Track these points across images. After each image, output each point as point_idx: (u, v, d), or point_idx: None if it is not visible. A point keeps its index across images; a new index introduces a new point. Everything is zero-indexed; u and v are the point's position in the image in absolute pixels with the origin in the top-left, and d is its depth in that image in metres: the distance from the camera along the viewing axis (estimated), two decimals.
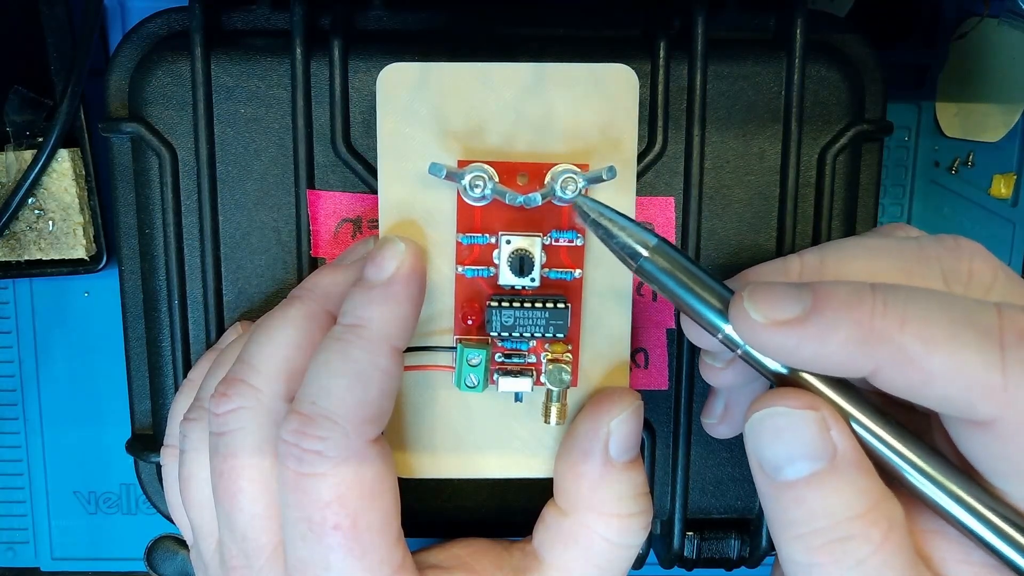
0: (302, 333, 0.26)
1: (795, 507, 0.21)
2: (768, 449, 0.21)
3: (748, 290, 0.22)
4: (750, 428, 0.22)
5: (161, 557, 0.38)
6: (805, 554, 0.21)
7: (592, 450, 0.27)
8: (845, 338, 0.20)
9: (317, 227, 0.30)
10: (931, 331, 0.20)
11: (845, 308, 0.21)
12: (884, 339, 0.20)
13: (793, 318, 0.21)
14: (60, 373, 0.38)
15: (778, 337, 0.21)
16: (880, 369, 0.20)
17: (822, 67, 0.29)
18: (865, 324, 0.20)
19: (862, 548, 0.20)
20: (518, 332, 0.27)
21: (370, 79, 0.29)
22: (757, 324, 0.21)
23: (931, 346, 0.20)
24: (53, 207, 0.34)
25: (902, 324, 0.20)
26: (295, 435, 0.24)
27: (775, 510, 0.21)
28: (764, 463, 0.21)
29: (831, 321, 0.20)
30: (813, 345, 0.21)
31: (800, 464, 0.21)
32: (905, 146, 0.38)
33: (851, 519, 0.20)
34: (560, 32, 0.30)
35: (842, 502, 0.20)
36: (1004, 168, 0.35)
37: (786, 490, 0.21)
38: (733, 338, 0.23)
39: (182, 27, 0.30)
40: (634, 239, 0.23)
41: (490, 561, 0.28)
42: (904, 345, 0.20)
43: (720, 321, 0.23)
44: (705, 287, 0.23)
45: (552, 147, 0.27)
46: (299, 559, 0.25)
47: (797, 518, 0.21)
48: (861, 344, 0.20)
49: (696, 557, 0.32)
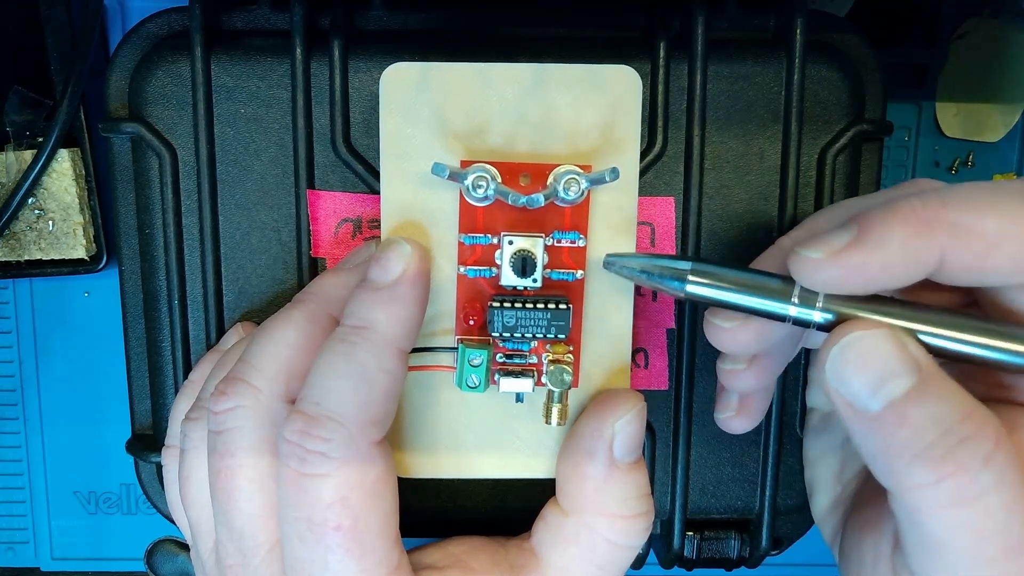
0: (304, 335, 0.26)
1: (902, 428, 0.20)
2: (856, 380, 0.21)
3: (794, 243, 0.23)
4: (832, 367, 0.22)
5: (161, 559, 0.38)
6: (930, 469, 0.20)
7: (596, 451, 0.27)
8: (903, 237, 0.21)
9: (317, 227, 0.30)
10: (974, 202, 0.21)
11: (890, 215, 0.21)
12: (936, 223, 0.21)
13: (850, 242, 0.22)
14: (60, 373, 0.38)
15: (845, 264, 0.22)
16: (944, 254, 0.21)
17: (822, 67, 0.29)
18: (914, 217, 0.21)
19: (984, 445, 0.20)
20: (519, 333, 0.27)
21: (370, 79, 0.29)
22: (821, 262, 0.22)
23: (979, 213, 0.21)
24: (53, 207, 0.34)
25: (944, 205, 0.21)
26: (298, 435, 0.24)
27: (880, 441, 0.21)
28: (856, 398, 0.21)
29: (884, 229, 0.21)
30: (878, 257, 0.21)
31: (892, 384, 0.21)
32: (905, 146, 0.38)
33: (961, 421, 0.20)
34: (560, 32, 0.30)
35: (946, 408, 0.20)
36: (1004, 168, 0.35)
37: (887, 415, 0.21)
38: (803, 317, 0.23)
39: (182, 27, 0.30)
40: (671, 272, 0.24)
41: (486, 558, 0.28)
42: (956, 220, 0.21)
43: (783, 304, 0.23)
44: (759, 284, 0.24)
45: (554, 148, 0.27)
46: (297, 559, 0.25)
47: (907, 438, 0.20)
48: (918, 236, 0.21)
49: (696, 557, 0.32)
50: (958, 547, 0.20)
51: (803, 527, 0.33)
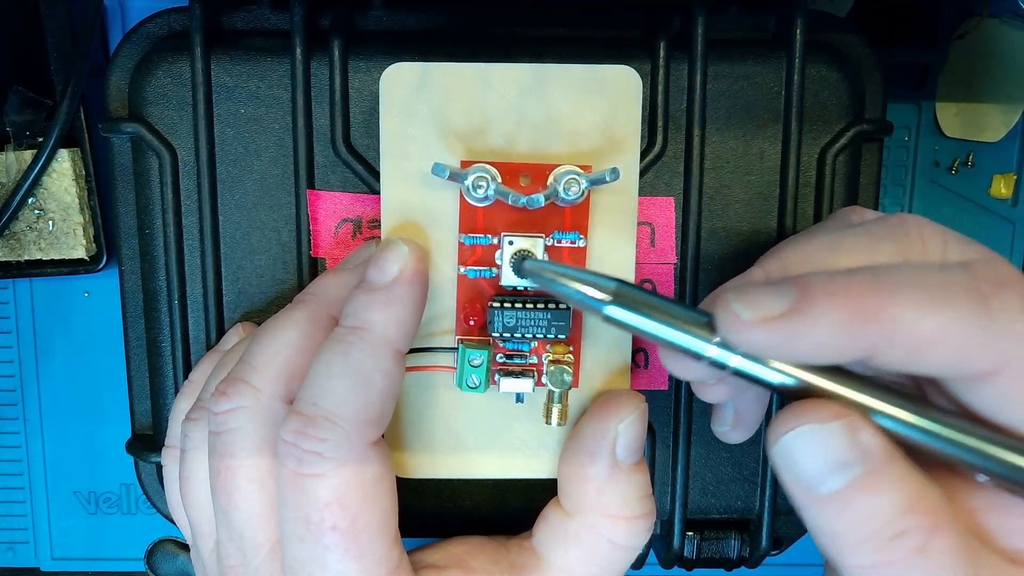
0: (304, 336, 0.26)
1: (843, 516, 0.20)
2: (803, 467, 0.21)
3: (731, 293, 0.21)
4: (780, 451, 0.21)
5: (161, 559, 0.38)
6: (867, 558, 0.20)
7: (599, 453, 0.27)
8: (837, 321, 0.20)
9: (317, 227, 0.30)
10: (916, 298, 0.20)
11: (831, 293, 0.20)
12: (875, 314, 0.20)
13: (783, 311, 0.21)
14: (60, 373, 0.38)
15: (772, 333, 0.21)
16: (876, 346, 0.20)
17: (822, 67, 0.29)
18: (854, 304, 0.20)
19: (919, 537, 0.20)
20: (520, 333, 0.27)
21: (370, 79, 0.29)
22: (749, 324, 0.21)
23: (919, 312, 0.20)
24: (53, 207, 0.34)
25: (889, 296, 0.20)
26: (295, 435, 0.24)
27: (823, 523, 0.21)
28: (801, 481, 0.21)
29: (821, 307, 0.20)
30: (809, 335, 0.20)
31: (839, 475, 0.20)
32: (905, 146, 0.38)
33: (902, 513, 0.20)
34: (560, 32, 0.30)
35: (889, 500, 0.20)
36: (1004, 168, 0.35)
37: (830, 502, 0.21)
38: (719, 359, 0.22)
39: (182, 27, 0.30)
40: (594, 287, 0.23)
41: (487, 558, 0.28)
42: (894, 316, 0.20)
43: (703, 343, 0.22)
44: (678, 315, 0.22)
45: (554, 148, 0.27)
46: (296, 559, 0.25)
47: (848, 526, 0.20)
48: (854, 324, 0.20)
49: (696, 557, 0.32)
50: None
51: (803, 527, 0.33)
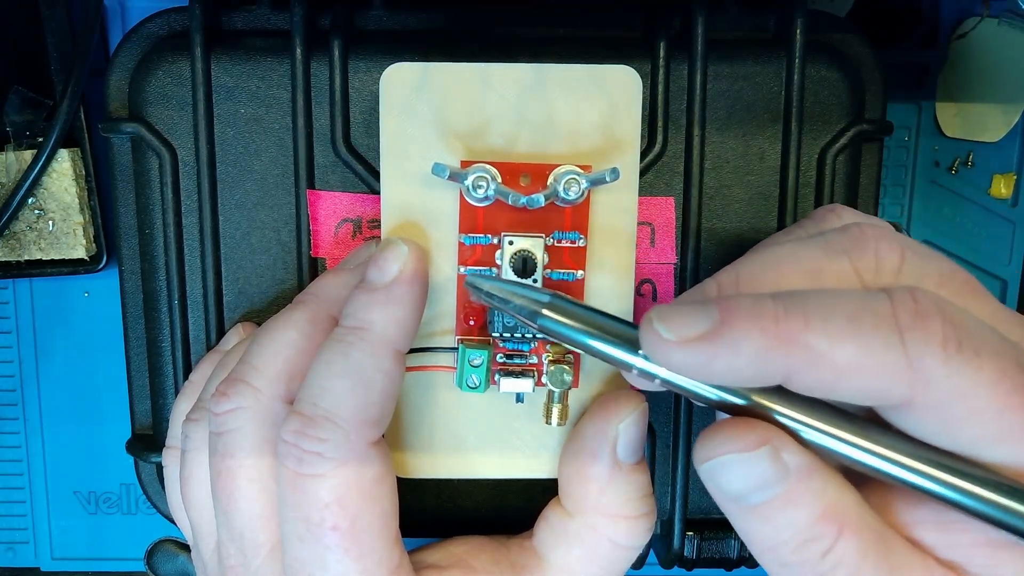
0: (304, 336, 0.26)
1: (761, 526, 0.22)
2: (727, 487, 0.22)
3: (656, 311, 0.22)
4: (705, 472, 0.22)
5: (162, 559, 0.38)
6: (779, 562, 0.22)
7: (600, 453, 0.27)
8: (754, 347, 0.20)
9: (317, 227, 0.30)
10: (832, 327, 0.20)
11: (750, 318, 0.21)
12: (790, 342, 0.20)
13: (702, 333, 0.21)
14: (60, 373, 0.38)
15: (691, 354, 0.21)
16: (792, 373, 0.21)
17: (822, 67, 0.29)
18: (770, 331, 0.20)
19: (825, 542, 0.21)
20: (520, 333, 0.27)
21: (370, 79, 0.29)
22: (669, 343, 0.21)
23: (834, 341, 0.20)
24: (53, 207, 0.34)
25: (804, 325, 0.20)
26: (295, 435, 0.24)
27: (744, 530, 0.22)
28: (727, 497, 0.22)
29: (738, 332, 0.21)
30: (725, 358, 0.21)
31: (760, 493, 0.21)
32: (905, 146, 0.38)
33: (813, 523, 0.21)
34: (560, 32, 0.30)
35: (803, 512, 0.21)
36: (1004, 168, 0.35)
37: (753, 513, 0.22)
38: (648, 370, 0.23)
39: (182, 27, 0.30)
40: (528, 301, 0.24)
41: (488, 558, 0.28)
42: (809, 345, 0.20)
43: (630, 355, 0.23)
44: (609, 329, 0.23)
45: (554, 148, 0.27)
46: (296, 559, 0.25)
47: (765, 535, 0.22)
48: (770, 351, 0.20)
49: (696, 557, 0.32)
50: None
51: None
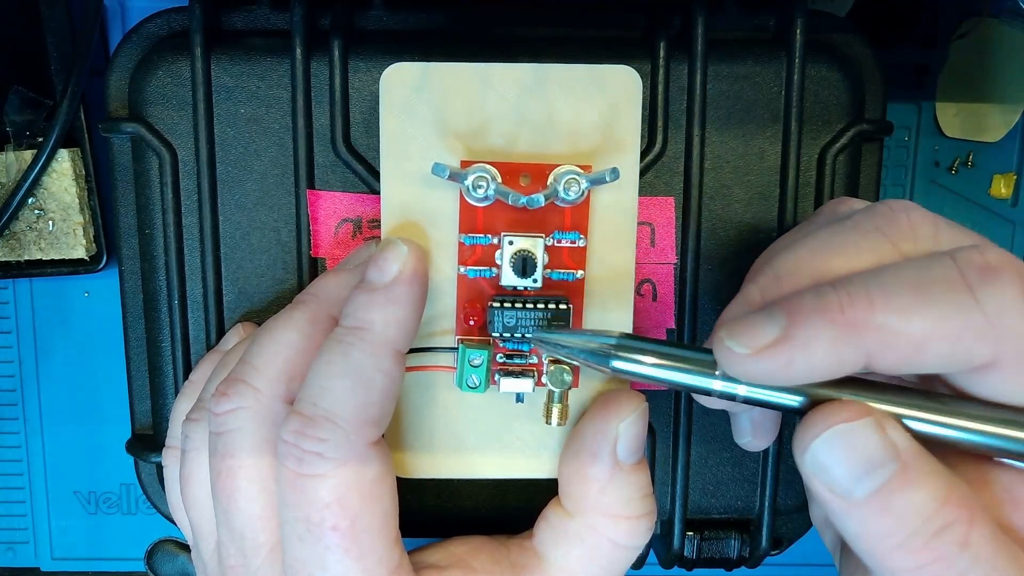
0: (304, 336, 0.26)
1: (883, 517, 0.20)
2: (835, 473, 0.21)
3: (724, 329, 0.22)
4: (810, 459, 0.21)
5: (162, 560, 0.38)
6: (911, 559, 0.20)
7: (600, 453, 0.27)
8: (827, 340, 0.20)
9: (317, 227, 0.30)
10: (899, 301, 0.20)
11: (816, 313, 0.21)
12: (862, 327, 0.20)
13: (774, 339, 0.21)
14: (60, 373, 0.38)
15: (767, 362, 0.21)
16: (871, 356, 0.21)
17: (822, 67, 0.29)
18: (839, 320, 0.20)
19: (960, 529, 0.20)
20: (520, 333, 0.27)
21: (370, 79, 0.29)
22: (744, 356, 0.21)
23: (906, 314, 0.20)
24: (53, 207, 0.34)
25: (871, 306, 0.20)
26: (295, 436, 0.24)
27: (861, 527, 0.21)
28: (836, 486, 0.21)
29: (810, 328, 0.21)
30: (801, 358, 0.21)
31: (875, 475, 0.20)
32: (905, 146, 0.38)
33: (940, 508, 0.20)
34: (560, 32, 0.30)
35: (926, 495, 0.20)
36: (1004, 168, 0.35)
37: (868, 506, 0.21)
38: (727, 391, 0.23)
39: (182, 27, 0.30)
40: (596, 347, 0.24)
41: (488, 558, 0.28)
42: (882, 324, 0.20)
43: (707, 380, 0.23)
44: (682, 358, 0.23)
45: (554, 148, 0.27)
46: (296, 559, 0.25)
47: (888, 527, 0.20)
48: (845, 339, 0.20)
49: (696, 557, 0.32)
50: None
51: (803, 527, 0.33)
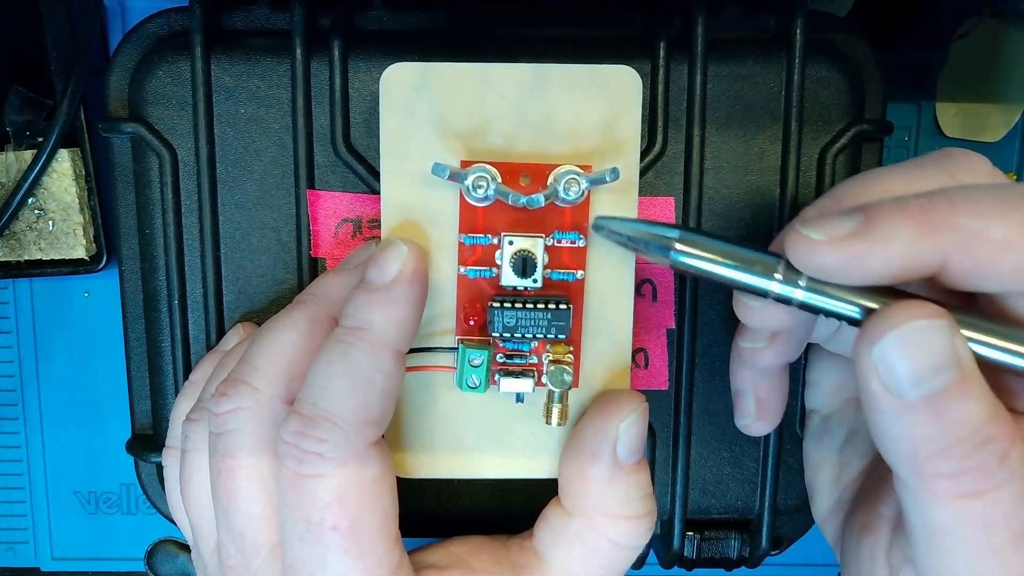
0: (305, 336, 0.26)
1: (935, 421, 0.20)
2: (902, 368, 0.21)
3: (798, 221, 0.22)
4: (879, 353, 0.21)
5: (162, 560, 0.38)
6: (953, 462, 0.20)
7: (600, 453, 0.27)
8: (907, 235, 0.21)
9: (317, 227, 0.30)
10: (981, 207, 0.21)
11: (898, 212, 0.21)
12: (943, 225, 0.21)
13: (852, 230, 0.21)
14: (60, 373, 0.38)
15: (843, 252, 0.21)
16: (948, 257, 0.21)
17: (822, 67, 0.29)
18: (920, 218, 0.21)
19: (1003, 445, 0.20)
20: (520, 333, 0.27)
21: (370, 79, 0.29)
22: (820, 244, 0.21)
23: (987, 219, 0.21)
24: (53, 207, 0.34)
25: (953, 208, 0.21)
26: (295, 436, 0.24)
27: (908, 429, 0.21)
28: (895, 384, 0.21)
29: (889, 225, 0.21)
30: (880, 251, 0.21)
31: (937, 379, 0.20)
32: (905, 146, 0.38)
33: (988, 421, 0.20)
34: (560, 32, 0.30)
35: (978, 407, 0.20)
36: (1004, 168, 0.35)
37: (924, 406, 0.21)
38: (784, 294, 0.23)
39: (182, 27, 0.30)
40: (658, 237, 0.24)
41: (488, 558, 0.28)
42: (963, 225, 0.21)
43: (766, 280, 0.23)
44: (743, 256, 0.23)
45: (554, 148, 0.27)
46: (296, 559, 0.25)
47: (937, 431, 0.20)
48: (924, 237, 0.21)
49: (696, 557, 0.32)
50: (966, 536, 0.21)
51: (803, 527, 0.33)
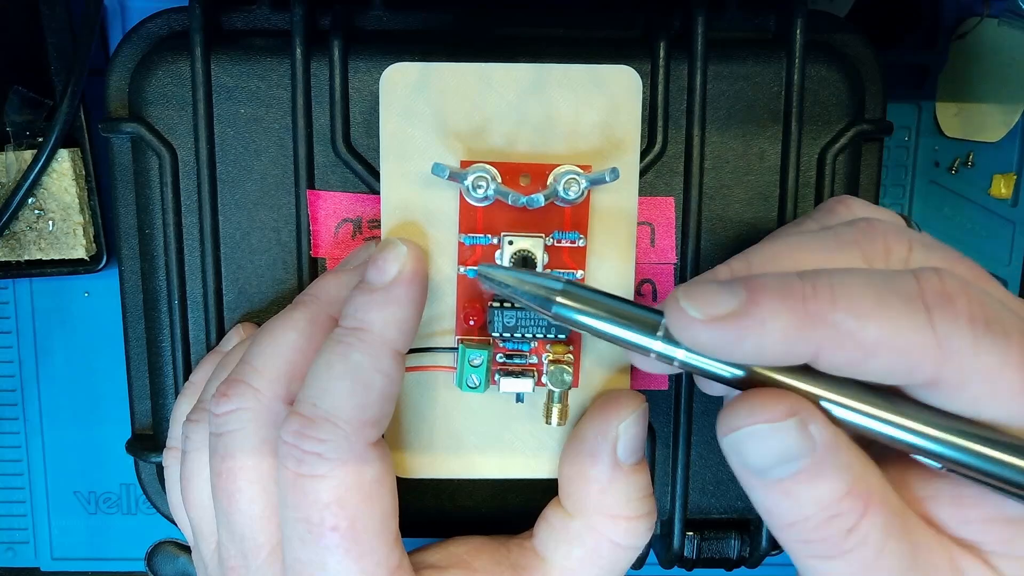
0: (305, 337, 0.26)
1: (784, 501, 0.21)
2: (752, 459, 0.21)
3: (681, 290, 0.22)
4: (730, 443, 0.22)
5: (162, 561, 0.38)
6: (801, 539, 0.22)
7: (600, 453, 0.27)
8: (783, 325, 0.20)
9: (317, 227, 0.30)
10: (861, 305, 0.20)
11: (779, 296, 0.21)
12: (819, 320, 0.20)
13: (730, 312, 0.21)
14: (60, 373, 0.38)
15: (718, 333, 0.21)
16: (820, 350, 0.21)
17: (822, 67, 0.29)
18: (799, 309, 0.20)
19: (850, 519, 0.21)
20: (520, 333, 0.27)
21: (370, 79, 0.29)
22: (696, 322, 0.21)
23: (863, 319, 0.20)
24: (53, 207, 0.34)
25: (833, 303, 0.20)
26: (295, 436, 0.24)
27: (765, 505, 0.22)
28: (750, 467, 0.22)
29: (767, 310, 0.21)
30: (754, 337, 0.21)
31: (785, 467, 0.21)
32: (905, 146, 0.38)
33: (838, 499, 0.21)
34: (560, 32, 0.30)
35: (827, 488, 0.21)
36: (1004, 168, 0.35)
37: (775, 488, 0.21)
38: (666, 353, 0.23)
39: (182, 27, 0.30)
40: (541, 289, 0.24)
41: (488, 558, 0.28)
42: (838, 322, 0.20)
43: (648, 339, 0.23)
44: (626, 314, 0.23)
45: (554, 148, 0.27)
46: (297, 559, 0.25)
47: (787, 510, 0.21)
48: (799, 329, 0.20)
49: (696, 557, 0.32)
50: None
51: None
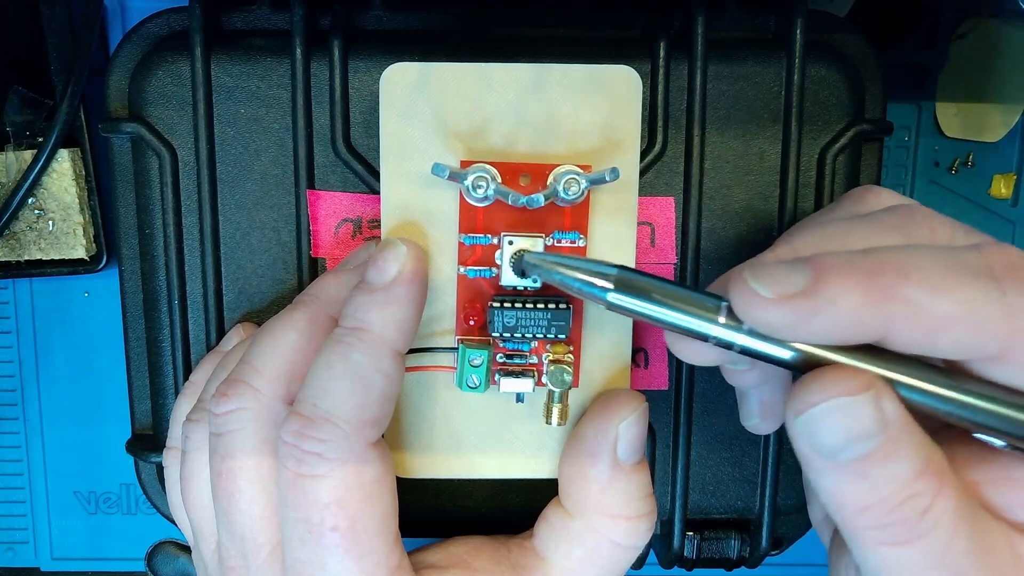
0: (305, 337, 0.26)
1: (859, 482, 0.21)
2: (824, 439, 0.21)
3: (747, 270, 0.21)
4: (803, 423, 0.21)
5: (162, 561, 0.38)
6: (874, 524, 0.21)
7: (600, 453, 0.27)
8: (854, 302, 0.20)
9: (317, 227, 0.30)
10: (932, 279, 0.20)
11: (848, 272, 0.21)
12: (891, 295, 0.20)
13: (800, 290, 0.21)
14: (60, 373, 0.38)
15: (789, 312, 0.21)
16: (892, 326, 0.20)
17: (822, 67, 0.29)
18: (869, 284, 0.20)
19: (925, 500, 0.21)
20: (520, 333, 0.27)
21: (370, 79, 0.29)
22: (765, 301, 0.21)
23: (935, 293, 0.20)
24: (53, 207, 0.34)
25: (905, 277, 0.20)
26: (295, 436, 0.24)
27: (837, 489, 0.21)
28: (822, 449, 0.21)
29: (837, 287, 0.20)
30: (824, 315, 0.20)
31: (860, 445, 0.21)
32: (905, 146, 0.38)
33: (912, 480, 0.20)
34: (560, 32, 0.30)
35: (903, 466, 0.21)
36: (1004, 168, 0.35)
37: (847, 470, 0.21)
38: (726, 339, 0.22)
39: (182, 27, 0.30)
40: (596, 275, 0.23)
41: (488, 558, 0.28)
42: (911, 297, 0.20)
43: (708, 325, 0.22)
44: (685, 297, 0.22)
45: (554, 148, 0.27)
46: (297, 559, 0.25)
47: (861, 493, 0.21)
48: (870, 304, 0.20)
49: (696, 557, 0.32)
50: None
51: (803, 527, 0.33)
